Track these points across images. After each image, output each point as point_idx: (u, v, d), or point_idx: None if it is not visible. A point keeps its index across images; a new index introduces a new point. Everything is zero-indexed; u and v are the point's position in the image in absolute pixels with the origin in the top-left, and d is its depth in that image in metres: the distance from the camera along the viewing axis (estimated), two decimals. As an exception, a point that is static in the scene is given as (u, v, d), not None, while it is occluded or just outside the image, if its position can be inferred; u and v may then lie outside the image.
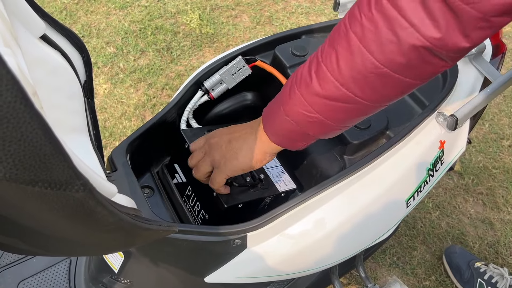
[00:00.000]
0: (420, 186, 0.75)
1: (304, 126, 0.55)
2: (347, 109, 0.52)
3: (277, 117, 0.57)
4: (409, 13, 0.44)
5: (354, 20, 0.47)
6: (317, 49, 0.54)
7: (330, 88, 0.50)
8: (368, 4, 0.46)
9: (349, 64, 0.48)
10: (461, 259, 1.37)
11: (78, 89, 0.59)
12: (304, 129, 0.56)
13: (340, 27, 0.50)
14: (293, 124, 0.55)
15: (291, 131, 0.56)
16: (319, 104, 0.52)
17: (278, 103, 0.57)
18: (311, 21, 2.13)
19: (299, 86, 0.53)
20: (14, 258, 0.95)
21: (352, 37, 0.47)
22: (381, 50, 0.46)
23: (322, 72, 0.50)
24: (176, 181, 0.77)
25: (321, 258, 0.74)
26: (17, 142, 0.26)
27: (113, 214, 0.36)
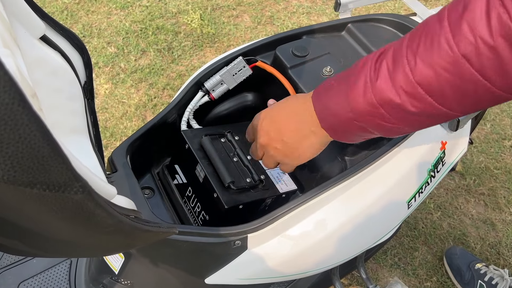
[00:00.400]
0: (421, 187, 0.74)
1: (375, 129, 0.52)
2: (431, 121, 0.49)
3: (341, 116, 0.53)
4: None
5: (465, 41, 0.41)
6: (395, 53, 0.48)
7: (425, 106, 0.46)
8: (489, 28, 0.40)
9: (457, 91, 0.43)
10: (462, 260, 1.36)
11: (78, 90, 0.59)
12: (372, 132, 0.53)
13: (442, 46, 0.43)
14: (359, 126, 0.52)
15: (355, 130, 0.53)
16: (405, 117, 0.48)
17: (342, 104, 0.52)
18: (312, 21, 2.13)
19: (377, 97, 0.49)
20: (14, 259, 0.95)
21: (463, 64, 0.42)
22: (505, 79, 0.41)
23: (419, 95, 0.46)
24: (176, 182, 0.77)
25: (322, 259, 0.73)
26: (15, 144, 0.26)
27: (112, 216, 0.36)
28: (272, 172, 0.77)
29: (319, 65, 0.77)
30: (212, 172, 0.71)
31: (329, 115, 0.54)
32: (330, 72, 0.76)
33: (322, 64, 0.77)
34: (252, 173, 0.73)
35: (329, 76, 0.75)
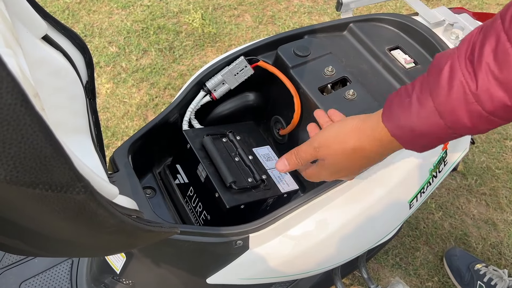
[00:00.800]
0: (423, 187, 0.74)
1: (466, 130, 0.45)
2: None
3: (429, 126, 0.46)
4: None
5: None
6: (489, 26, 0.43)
7: None
8: None
9: None
10: (461, 261, 1.37)
11: (80, 90, 0.59)
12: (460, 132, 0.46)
13: None
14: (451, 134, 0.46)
15: (442, 139, 0.47)
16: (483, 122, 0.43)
17: (430, 111, 0.45)
18: (314, 20, 2.13)
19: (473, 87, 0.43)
20: (15, 259, 0.95)
21: None
22: None
23: None
24: (178, 182, 0.77)
25: (324, 259, 0.73)
26: (18, 144, 0.26)
27: (114, 216, 0.36)
28: (274, 172, 0.77)
29: (321, 65, 0.76)
30: (213, 172, 0.71)
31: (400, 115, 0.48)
32: (332, 72, 0.75)
33: (324, 64, 0.77)
34: (254, 173, 0.73)
35: (331, 76, 0.75)
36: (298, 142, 0.79)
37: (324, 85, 0.75)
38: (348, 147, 0.54)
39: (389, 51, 0.80)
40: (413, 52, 0.80)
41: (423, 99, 0.45)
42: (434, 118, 0.45)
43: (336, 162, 0.56)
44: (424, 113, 0.45)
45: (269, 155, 0.79)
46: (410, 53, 0.80)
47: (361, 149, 0.53)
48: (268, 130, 0.86)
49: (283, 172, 0.64)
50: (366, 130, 0.52)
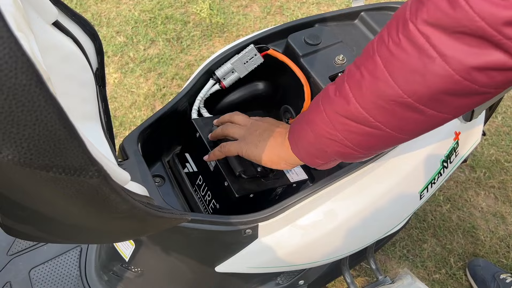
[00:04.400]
0: (434, 178, 0.74)
1: (323, 142, 0.53)
2: (368, 134, 0.49)
3: (301, 127, 0.56)
4: (437, 42, 0.40)
5: (382, 43, 0.45)
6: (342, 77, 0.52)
7: (351, 109, 0.48)
8: (396, 28, 0.43)
9: (371, 88, 0.46)
10: (486, 271, 1.35)
11: (90, 77, 0.59)
12: (322, 145, 0.54)
13: (368, 48, 0.47)
14: (312, 137, 0.54)
15: (310, 144, 0.55)
16: (339, 123, 0.50)
17: (305, 114, 0.56)
18: (322, 11, 2.11)
19: (323, 100, 0.52)
20: (25, 245, 0.96)
21: (377, 60, 0.45)
22: (406, 79, 0.43)
23: (345, 92, 0.49)
24: (187, 171, 0.77)
25: (332, 250, 0.73)
26: (32, 126, 0.26)
27: (127, 201, 0.36)
28: (283, 162, 0.76)
29: (331, 54, 0.76)
30: (222, 161, 0.71)
31: (295, 128, 0.58)
32: (342, 61, 0.75)
33: (335, 52, 0.76)
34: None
35: (342, 64, 0.75)
36: (307, 132, 0.79)
37: (335, 74, 0.74)
38: (274, 122, 0.67)
39: (400, 40, 0.79)
40: (425, 41, 0.79)
41: None
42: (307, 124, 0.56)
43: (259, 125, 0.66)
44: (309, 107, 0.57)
45: (278, 145, 0.79)
46: (422, 43, 0.78)
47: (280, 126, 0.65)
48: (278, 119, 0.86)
49: None
50: None
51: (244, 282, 0.84)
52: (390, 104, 0.45)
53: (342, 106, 0.49)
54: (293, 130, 0.59)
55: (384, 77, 0.44)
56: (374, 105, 0.46)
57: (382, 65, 0.44)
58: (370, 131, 0.49)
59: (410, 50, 0.42)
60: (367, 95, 0.46)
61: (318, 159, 0.57)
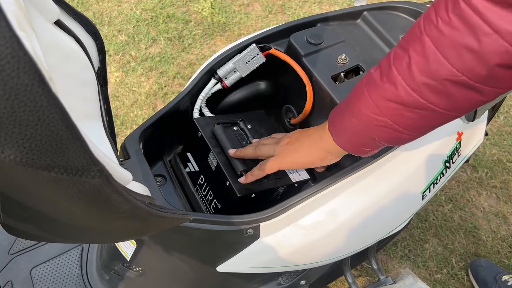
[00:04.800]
0: (436, 178, 0.73)
1: (370, 129, 0.52)
2: (418, 116, 0.49)
3: (343, 117, 0.55)
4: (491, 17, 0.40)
5: (429, 23, 0.44)
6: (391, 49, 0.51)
7: (400, 93, 0.47)
8: (445, 7, 0.43)
9: (422, 69, 0.45)
10: (488, 272, 1.34)
11: (91, 76, 0.59)
12: (369, 133, 0.53)
13: (414, 29, 0.47)
14: (358, 126, 0.53)
15: (356, 133, 0.54)
16: (388, 108, 0.49)
17: (346, 103, 0.55)
18: (324, 10, 2.11)
19: (368, 87, 0.51)
20: (26, 245, 0.96)
21: (426, 40, 0.44)
22: (459, 57, 0.43)
23: (393, 76, 0.48)
24: (188, 170, 0.77)
25: (334, 250, 0.73)
26: (34, 126, 0.26)
27: (129, 201, 0.36)
28: (285, 161, 0.76)
29: (334, 53, 0.75)
30: (224, 160, 0.71)
31: (337, 119, 0.56)
32: (345, 61, 0.74)
33: (337, 52, 0.76)
34: (265, 162, 0.72)
35: (344, 64, 0.74)
36: (309, 132, 0.79)
37: (337, 74, 0.74)
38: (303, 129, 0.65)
39: (403, 40, 0.79)
40: (427, 41, 0.79)
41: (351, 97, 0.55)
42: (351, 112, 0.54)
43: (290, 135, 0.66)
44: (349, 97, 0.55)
45: (280, 144, 0.79)
46: (424, 42, 0.78)
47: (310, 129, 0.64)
48: (279, 119, 0.86)
49: None
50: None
51: (245, 282, 0.84)
52: (443, 84, 0.45)
53: (390, 91, 0.48)
54: (335, 121, 0.57)
55: (435, 57, 0.44)
56: (426, 86, 0.46)
57: (433, 45, 0.44)
58: (422, 113, 0.48)
59: (462, 28, 0.42)
60: (417, 77, 0.46)
61: (365, 147, 0.56)
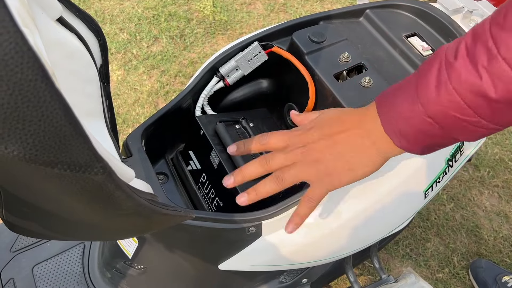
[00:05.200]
0: (439, 177, 0.73)
1: (455, 130, 0.42)
2: None
3: (410, 117, 0.43)
4: None
5: None
6: (475, 30, 0.40)
7: (509, 88, 0.37)
8: None
9: None
10: (488, 273, 1.33)
11: (94, 73, 0.59)
12: (452, 134, 0.43)
13: None
14: (436, 127, 0.42)
15: (432, 135, 0.43)
16: (486, 107, 0.39)
17: (411, 99, 0.43)
18: (326, 8, 2.10)
19: (454, 81, 0.40)
20: (28, 242, 0.96)
21: None
22: None
23: (500, 69, 0.37)
24: (190, 168, 0.77)
25: (336, 248, 0.73)
26: (37, 122, 0.26)
27: (132, 199, 0.36)
28: (287, 160, 0.76)
29: (336, 51, 0.75)
30: (226, 158, 0.70)
31: (395, 116, 0.44)
32: (347, 59, 0.74)
33: (340, 50, 0.75)
34: (267, 160, 0.72)
35: (347, 62, 0.74)
36: (311, 130, 0.78)
37: (340, 72, 0.74)
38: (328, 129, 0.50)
39: (406, 38, 0.78)
40: (431, 39, 0.79)
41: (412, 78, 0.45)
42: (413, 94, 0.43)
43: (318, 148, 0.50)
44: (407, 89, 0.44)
45: (282, 143, 0.78)
46: (427, 41, 0.78)
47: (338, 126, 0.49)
48: (281, 117, 0.85)
49: None
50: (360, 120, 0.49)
51: (247, 280, 0.84)
52: None
53: (495, 88, 0.38)
54: (395, 121, 0.45)
55: None
56: None
57: None
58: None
59: None
60: None
61: (438, 147, 0.46)
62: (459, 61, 0.40)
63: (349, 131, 0.49)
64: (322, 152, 0.50)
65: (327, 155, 0.50)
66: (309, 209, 0.53)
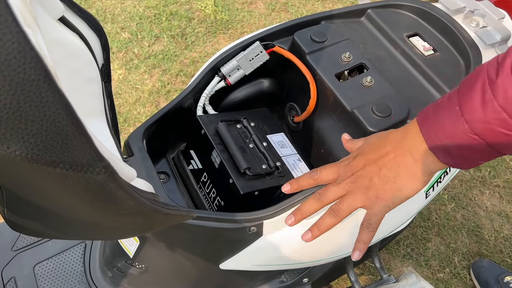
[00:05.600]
0: (440, 177, 0.73)
1: (501, 146, 0.43)
2: None
3: (454, 134, 0.44)
4: None
5: None
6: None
7: None
8: None
9: None
10: (490, 273, 1.32)
11: (96, 73, 0.59)
12: (498, 149, 0.43)
13: None
14: (483, 144, 0.43)
15: (478, 151, 0.44)
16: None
17: (455, 117, 0.44)
18: (327, 8, 2.10)
19: (500, 99, 0.40)
20: (29, 241, 0.96)
21: None
22: None
23: None
24: (191, 167, 0.77)
25: (337, 248, 0.73)
26: (40, 122, 0.26)
27: (133, 198, 0.36)
28: (288, 159, 0.76)
29: (338, 51, 0.75)
30: (227, 158, 0.71)
31: (440, 133, 0.45)
32: (349, 59, 0.74)
33: (341, 50, 0.75)
34: (268, 160, 0.72)
35: (348, 62, 0.74)
36: (312, 130, 0.79)
37: (341, 72, 0.74)
38: (371, 155, 0.52)
39: (407, 38, 0.78)
40: (432, 39, 0.79)
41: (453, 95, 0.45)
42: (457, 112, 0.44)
43: (365, 174, 0.52)
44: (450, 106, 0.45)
45: (283, 142, 0.79)
46: (429, 40, 0.78)
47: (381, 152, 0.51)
48: (283, 117, 0.86)
49: None
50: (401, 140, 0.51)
51: (248, 279, 0.84)
52: None
53: None
54: (439, 138, 0.46)
55: None
56: None
57: None
58: None
59: None
60: None
61: (482, 161, 0.47)
62: (504, 77, 0.40)
63: (391, 153, 0.51)
64: (370, 178, 0.51)
65: (375, 180, 0.51)
66: (370, 234, 0.54)
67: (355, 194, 0.52)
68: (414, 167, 0.49)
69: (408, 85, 0.74)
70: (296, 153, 0.78)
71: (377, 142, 0.53)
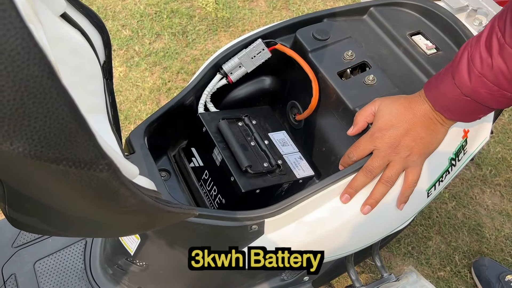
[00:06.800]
0: (442, 176, 0.73)
1: (488, 102, 0.57)
2: None
3: (451, 97, 0.59)
4: None
5: None
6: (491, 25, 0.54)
7: None
8: None
9: None
10: (491, 272, 1.32)
11: (97, 70, 0.59)
12: (487, 104, 0.58)
13: None
14: (474, 102, 0.58)
15: (472, 107, 0.59)
16: (506, 82, 0.54)
17: (451, 84, 0.58)
18: (328, 6, 2.10)
19: (478, 67, 0.55)
20: (30, 238, 0.96)
21: None
22: None
23: (508, 54, 0.52)
24: (193, 165, 0.77)
25: (338, 247, 0.73)
26: (43, 118, 0.25)
27: (136, 195, 0.36)
28: (289, 158, 0.76)
29: (340, 49, 0.75)
30: (229, 155, 0.70)
31: (441, 97, 0.60)
32: (351, 57, 0.74)
33: (344, 48, 0.75)
34: (270, 158, 0.72)
35: (351, 60, 0.74)
36: (314, 128, 0.78)
37: (343, 70, 0.73)
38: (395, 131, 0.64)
39: (410, 36, 0.78)
40: (435, 37, 0.78)
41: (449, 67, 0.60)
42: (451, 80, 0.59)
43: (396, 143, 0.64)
44: (446, 75, 0.60)
45: (284, 140, 0.78)
46: (432, 39, 0.78)
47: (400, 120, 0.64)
48: (284, 115, 0.85)
49: None
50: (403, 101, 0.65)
51: (249, 277, 0.84)
52: None
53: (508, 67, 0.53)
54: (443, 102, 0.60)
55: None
56: None
57: None
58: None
59: None
60: None
61: (480, 115, 0.61)
62: (480, 49, 0.55)
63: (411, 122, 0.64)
64: (405, 146, 0.64)
65: (409, 143, 0.64)
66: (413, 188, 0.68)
67: (396, 162, 0.65)
68: (432, 126, 0.63)
69: (411, 84, 0.74)
70: (297, 151, 0.78)
71: (392, 119, 0.64)
